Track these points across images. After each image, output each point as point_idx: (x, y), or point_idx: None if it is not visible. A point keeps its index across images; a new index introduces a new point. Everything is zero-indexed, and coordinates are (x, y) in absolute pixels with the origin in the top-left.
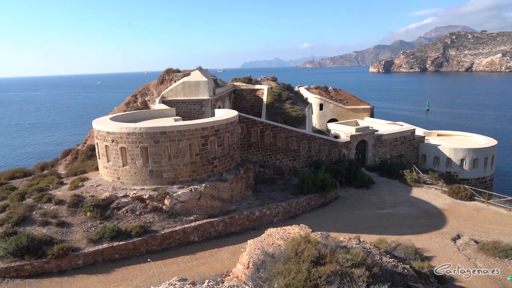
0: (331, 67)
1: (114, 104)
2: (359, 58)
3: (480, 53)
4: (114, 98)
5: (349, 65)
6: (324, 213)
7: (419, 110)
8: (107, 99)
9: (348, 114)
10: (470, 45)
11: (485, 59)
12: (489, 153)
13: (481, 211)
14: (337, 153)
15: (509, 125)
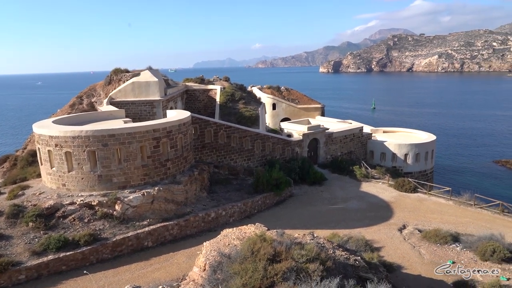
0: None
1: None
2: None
3: (419, 55)
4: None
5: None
6: (279, 211)
7: (366, 108)
8: (49, 101)
9: (300, 113)
10: (410, 47)
11: (424, 60)
12: (429, 148)
13: (424, 202)
14: (291, 151)
15: (445, 121)
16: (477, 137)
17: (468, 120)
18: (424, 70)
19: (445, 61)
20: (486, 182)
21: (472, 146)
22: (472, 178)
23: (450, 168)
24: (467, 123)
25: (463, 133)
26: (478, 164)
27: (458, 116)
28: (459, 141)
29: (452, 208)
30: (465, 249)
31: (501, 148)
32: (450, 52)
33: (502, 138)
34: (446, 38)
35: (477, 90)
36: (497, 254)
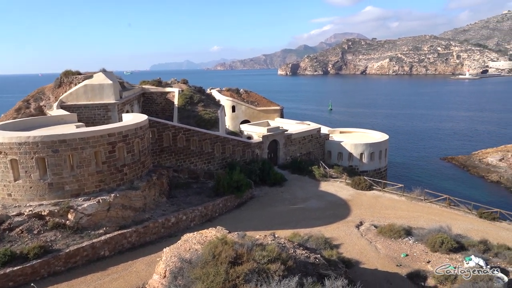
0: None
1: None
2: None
3: (372, 58)
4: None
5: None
6: (240, 213)
7: (323, 109)
8: None
9: (259, 115)
10: (363, 51)
11: (376, 63)
12: (382, 147)
13: (379, 199)
14: (251, 153)
15: (396, 121)
16: (425, 136)
17: (416, 120)
18: (376, 72)
19: (396, 64)
20: (434, 177)
21: (420, 144)
22: (422, 174)
23: (402, 165)
24: (416, 122)
25: (412, 132)
26: (427, 161)
27: (407, 116)
28: (409, 139)
29: (404, 203)
30: (417, 242)
31: (447, 145)
32: (400, 56)
33: (447, 136)
34: (396, 43)
35: (424, 92)
36: (445, 245)
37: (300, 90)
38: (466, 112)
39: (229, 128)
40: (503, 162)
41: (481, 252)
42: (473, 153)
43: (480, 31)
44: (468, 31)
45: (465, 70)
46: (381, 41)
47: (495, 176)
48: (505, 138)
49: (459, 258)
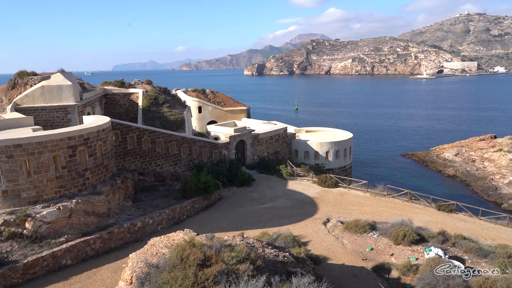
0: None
1: None
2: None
3: (335, 59)
4: None
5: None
6: (209, 214)
7: (290, 109)
8: None
9: (226, 116)
10: (327, 51)
11: (340, 63)
12: (347, 145)
13: (345, 196)
14: (218, 154)
15: (359, 119)
16: (386, 134)
17: (378, 118)
18: (340, 72)
19: (358, 64)
20: (396, 173)
21: (382, 141)
22: (384, 170)
23: (366, 162)
24: (378, 121)
25: (374, 130)
26: (389, 157)
27: (370, 114)
28: (372, 137)
29: (369, 199)
30: (381, 235)
31: (407, 142)
32: (362, 57)
33: (407, 133)
34: (358, 44)
35: (385, 91)
36: (407, 238)
37: (266, 90)
38: (424, 110)
39: (196, 129)
40: (458, 157)
41: (440, 242)
42: (431, 149)
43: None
44: (425, 33)
45: (422, 70)
46: (344, 42)
47: (451, 170)
48: (460, 134)
49: (420, 249)
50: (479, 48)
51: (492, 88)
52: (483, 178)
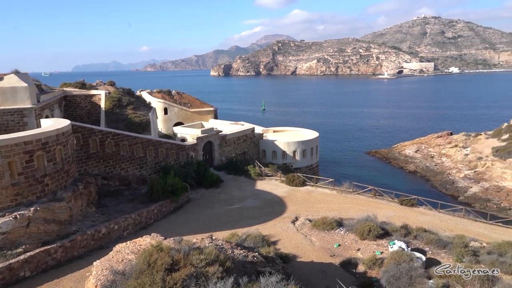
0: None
1: None
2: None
3: (301, 59)
4: None
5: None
6: (177, 217)
7: (257, 109)
8: None
9: (193, 117)
10: (293, 52)
11: (305, 64)
12: (313, 144)
13: (312, 194)
14: (185, 156)
15: (325, 119)
16: (351, 132)
17: (342, 117)
18: (306, 73)
19: (323, 65)
20: (361, 170)
21: (347, 140)
22: (350, 168)
23: (332, 161)
24: (342, 120)
25: (339, 129)
26: (354, 155)
27: (334, 114)
28: (337, 136)
29: (335, 196)
30: (348, 232)
31: (370, 140)
32: (327, 57)
33: (370, 132)
34: (323, 45)
35: (349, 91)
36: (372, 233)
37: (233, 91)
38: (386, 109)
39: (162, 131)
40: (418, 153)
41: (403, 236)
42: (393, 146)
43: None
44: (385, 34)
45: (383, 71)
46: (308, 43)
47: (412, 166)
48: (419, 131)
49: (385, 243)
50: (435, 49)
51: (447, 88)
52: (441, 173)
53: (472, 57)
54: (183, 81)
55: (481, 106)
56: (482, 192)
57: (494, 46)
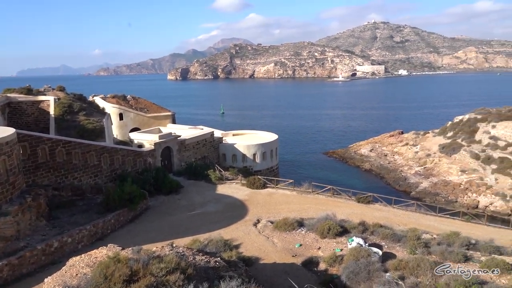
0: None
1: None
2: (156, 65)
3: (258, 63)
4: None
5: (147, 72)
6: (135, 226)
7: (216, 113)
8: None
9: (150, 122)
10: (250, 56)
11: (263, 67)
12: (273, 146)
13: (273, 196)
14: (143, 162)
15: (283, 121)
16: (308, 134)
17: (300, 119)
18: (263, 76)
19: (280, 68)
20: (319, 171)
21: (305, 141)
22: (309, 169)
23: (291, 162)
24: (300, 122)
25: (298, 131)
26: (312, 156)
27: (292, 116)
28: (296, 138)
29: (296, 197)
30: (308, 231)
31: (327, 141)
32: (284, 61)
33: (327, 133)
34: (279, 48)
35: (305, 93)
36: (332, 231)
37: (191, 95)
38: (341, 111)
39: (118, 138)
40: (372, 152)
41: (361, 232)
42: (349, 146)
43: (348, 39)
44: (339, 38)
45: (338, 73)
46: (265, 47)
47: (367, 165)
48: (373, 131)
49: (344, 240)
50: (385, 53)
51: (397, 89)
52: (394, 170)
53: (419, 60)
54: (139, 86)
55: (428, 106)
56: (431, 187)
57: (438, 50)
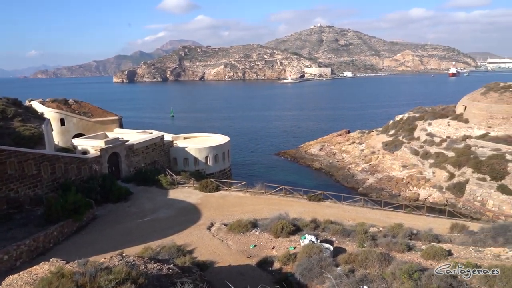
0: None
1: None
2: (100, 68)
3: (208, 65)
4: None
5: (91, 75)
6: (82, 238)
7: (165, 117)
8: None
9: (95, 127)
10: (200, 58)
11: (213, 69)
12: (225, 149)
13: (226, 198)
14: (88, 170)
15: (234, 123)
16: (260, 135)
17: (251, 121)
18: (214, 78)
19: (230, 70)
20: (272, 171)
21: (257, 142)
22: (261, 170)
23: (244, 164)
24: (251, 123)
25: (249, 132)
26: (264, 157)
27: (244, 118)
28: (247, 139)
29: (249, 198)
30: (262, 231)
31: (279, 142)
32: (233, 63)
33: (278, 133)
34: (229, 50)
35: (256, 95)
36: (285, 230)
37: (139, 98)
38: (291, 112)
39: (60, 144)
40: (322, 151)
41: (313, 229)
42: (299, 146)
43: (296, 42)
44: (287, 41)
45: (287, 75)
46: (215, 49)
47: (317, 164)
48: (322, 131)
49: (297, 238)
50: (331, 55)
51: (343, 90)
52: (342, 168)
53: (362, 63)
54: (82, 89)
55: (371, 106)
56: (377, 183)
57: (379, 53)
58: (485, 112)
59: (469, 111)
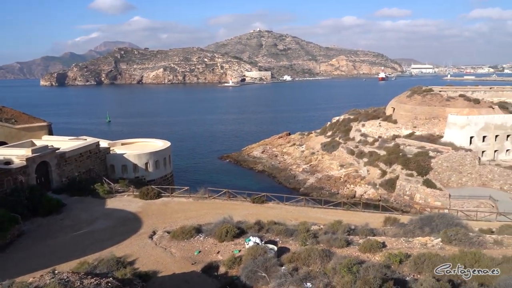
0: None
1: None
2: (25, 70)
3: (146, 68)
4: None
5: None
6: (7, 257)
7: (101, 122)
8: None
9: (20, 135)
10: (137, 60)
11: (152, 73)
12: (166, 154)
13: (168, 205)
14: (12, 181)
15: (175, 127)
16: (202, 139)
17: (193, 125)
18: (153, 82)
19: (170, 73)
20: (215, 175)
21: (199, 147)
22: (204, 174)
23: (186, 169)
24: (193, 127)
25: (191, 136)
26: (207, 161)
27: (185, 122)
28: (189, 144)
29: (192, 204)
30: (207, 237)
31: (221, 145)
32: (173, 66)
33: (220, 137)
34: (168, 53)
35: (197, 98)
36: (230, 234)
37: (71, 103)
38: (233, 115)
39: None
40: (264, 154)
41: (257, 231)
42: (242, 149)
43: (236, 45)
44: (227, 45)
45: (228, 79)
46: (153, 51)
47: (260, 166)
48: (263, 133)
49: (241, 241)
50: (271, 60)
51: (283, 93)
52: (284, 169)
53: (300, 67)
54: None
55: (310, 108)
56: (317, 182)
57: (315, 58)
58: (410, 113)
59: (397, 113)
